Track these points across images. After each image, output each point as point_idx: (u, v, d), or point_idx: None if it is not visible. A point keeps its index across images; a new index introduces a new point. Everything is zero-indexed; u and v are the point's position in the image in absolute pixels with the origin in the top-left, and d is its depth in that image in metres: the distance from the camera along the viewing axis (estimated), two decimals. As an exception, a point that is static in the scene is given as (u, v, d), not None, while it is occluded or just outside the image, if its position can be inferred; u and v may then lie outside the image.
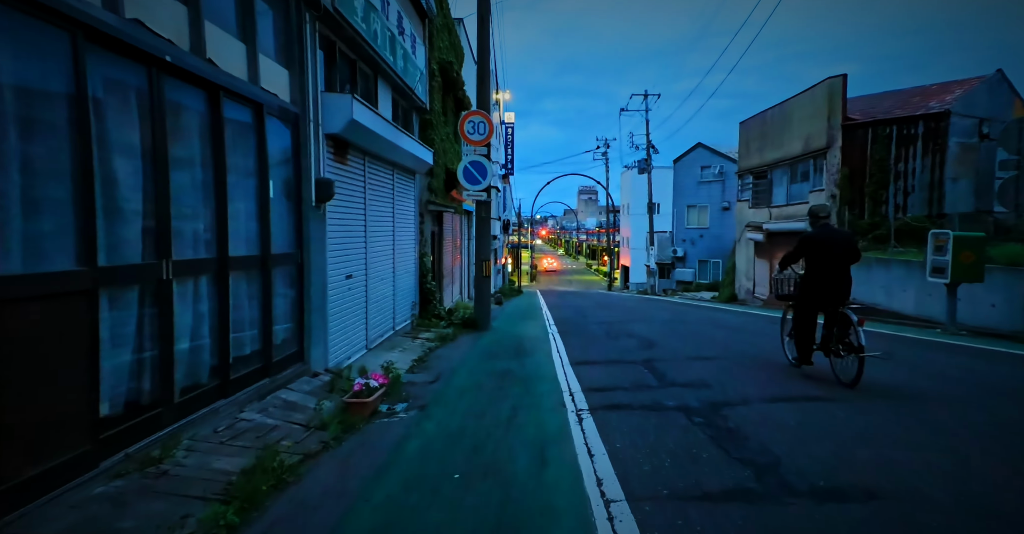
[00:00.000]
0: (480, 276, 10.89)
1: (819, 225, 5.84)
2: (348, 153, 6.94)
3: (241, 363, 4.73)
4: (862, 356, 5.09)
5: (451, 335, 9.62)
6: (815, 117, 17.49)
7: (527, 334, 10.26)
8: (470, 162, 10.44)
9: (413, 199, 10.44)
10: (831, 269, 5.52)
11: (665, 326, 11.29)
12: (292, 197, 5.71)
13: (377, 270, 8.25)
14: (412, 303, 10.37)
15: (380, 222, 8.37)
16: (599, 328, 11.07)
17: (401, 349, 8.27)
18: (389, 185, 8.86)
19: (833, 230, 5.77)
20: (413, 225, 10.46)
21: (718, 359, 7.11)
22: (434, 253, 12.96)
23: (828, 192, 16.97)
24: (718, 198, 31.28)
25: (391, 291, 9.05)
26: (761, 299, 20.95)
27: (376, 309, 8.18)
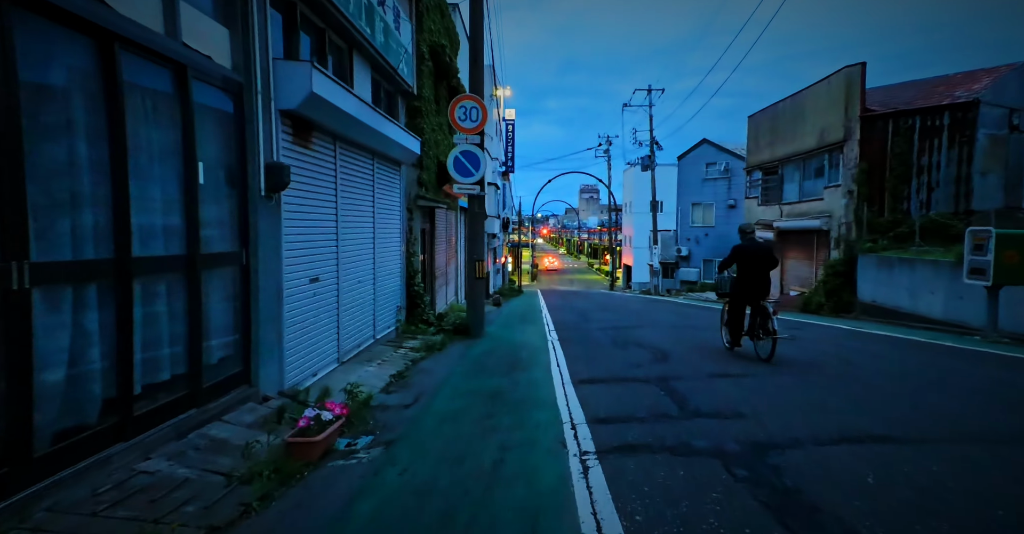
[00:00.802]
0: (473, 278, 9.84)
1: (746, 239, 7.28)
2: (312, 135, 5.88)
3: (155, 392, 3.69)
4: (775, 338, 6.62)
5: (439, 344, 8.57)
6: (831, 109, 16.39)
7: (524, 342, 9.20)
8: (461, 152, 9.37)
9: (399, 193, 9.38)
10: (755, 273, 7.01)
11: (676, 332, 10.22)
12: (235, 184, 4.66)
13: (353, 272, 7.20)
14: (397, 308, 9.32)
15: (357, 217, 7.32)
16: (603, 334, 10.01)
17: (380, 362, 7.22)
18: (368, 176, 7.80)
19: (757, 243, 7.27)
20: (399, 221, 9.41)
21: (746, 377, 6.04)
22: (425, 252, 11.91)
23: (845, 188, 15.88)
24: (724, 196, 30.14)
25: (371, 295, 8.00)
26: (771, 300, 19.87)
27: (351, 317, 7.13)
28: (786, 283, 19.51)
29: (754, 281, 7.00)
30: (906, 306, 13.03)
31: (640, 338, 9.34)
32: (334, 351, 6.61)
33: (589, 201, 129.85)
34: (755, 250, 7.06)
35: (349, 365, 6.84)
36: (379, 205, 8.28)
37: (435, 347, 8.34)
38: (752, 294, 7.00)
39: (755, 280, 6.99)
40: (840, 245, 16.09)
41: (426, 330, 9.62)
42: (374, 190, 8.03)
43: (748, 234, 7.33)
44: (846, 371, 6.36)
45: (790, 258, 19.19)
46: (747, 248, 7.09)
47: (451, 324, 9.95)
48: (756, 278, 6.99)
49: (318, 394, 5.35)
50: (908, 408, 4.72)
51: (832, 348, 8.10)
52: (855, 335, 9.82)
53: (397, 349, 8.13)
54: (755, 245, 7.15)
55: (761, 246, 7.19)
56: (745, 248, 7.10)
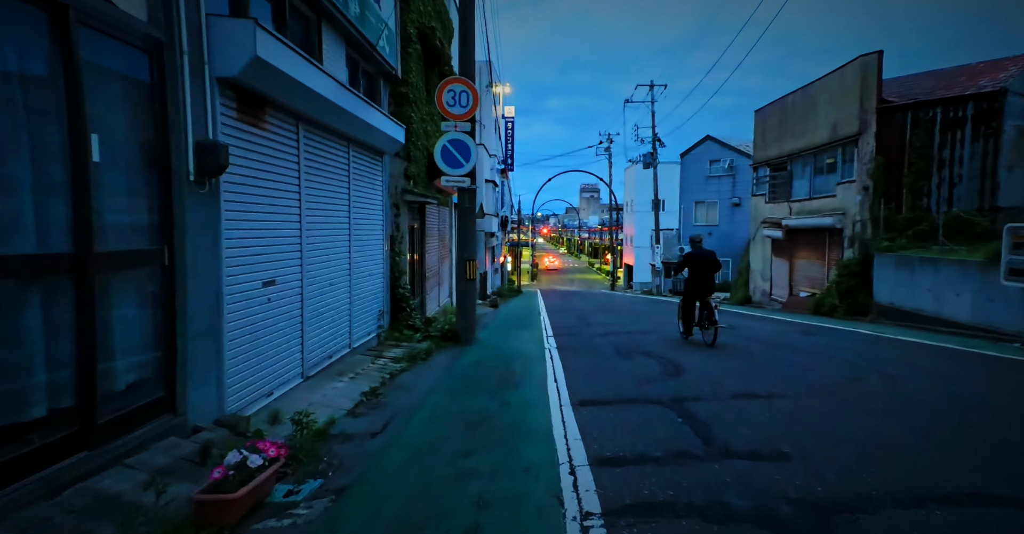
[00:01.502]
0: (464, 279, 8.90)
1: (696, 247, 8.46)
2: (266, 113, 4.95)
3: (19, 435, 2.77)
4: (716, 327, 7.88)
5: (424, 353, 7.64)
6: (845, 100, 15.43)
7: (519, 351, 8.27)
8: (450, 140, 8.44)
9: (381, 186, 8.45)
10: (702, 275, 8.17)
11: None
12: (152, 166, 3.72)
13: (322, 273, 6.27)
14: (379, 312, 8.39)
15: (328, 211, 6.39)
16: (606, 341, 9.07)
17: (352, 375, 6.29)
18: (343, 165, 6.87)
19: (703, 250, 8.36)
20: (381, 217, 8.48)
21: (779, 397, 5.10)
22: (414, 251, 10.98)
23: (860, 184, 14.92)
24: (728, 194, 29.12)
25: (346, 299, 7.07)
26: (780, 301, 18.93)
27: (319, 324, 6.20)
28: (795, 284, 18.56)
29: (701, 282, 8.21)
30: (928, 309, 12.08)
31: (647, 346, 8.40)
32: (297, 365, 5.68)
33: (590, 200, 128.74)
34: (702, 257, 8.29)
35: (316, 380, 5.91)
36: (356, 199, 7.35)
37: (419, 357, 7.41)
38: (700, 292, 8.22)
39: (702, 281, 8.22)
40: (855, 244, 15.13)
41: (412, 337, 8.69)
42: (350, 182, 7.10)
43: (697, 243, 8.65)
44: (901, 395, 5.42)
45: (800, 258, 18.24)
46: (696, 255, 8.34)
47: (439, 330, 9.02)
48: (703, 279, 8.22)
49: (267, 420, 4.43)
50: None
51: (866, 361, 7.15)
52: (882, 343, 8.86)
53: (376, 359, 7.20)
54: (702, 252, 8.36)
55: (707, 253, 8.35)
56: (694, 255, 8.35)
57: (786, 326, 11.51)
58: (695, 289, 8.23)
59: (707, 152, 30.20)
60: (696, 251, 8.39)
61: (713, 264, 8.24)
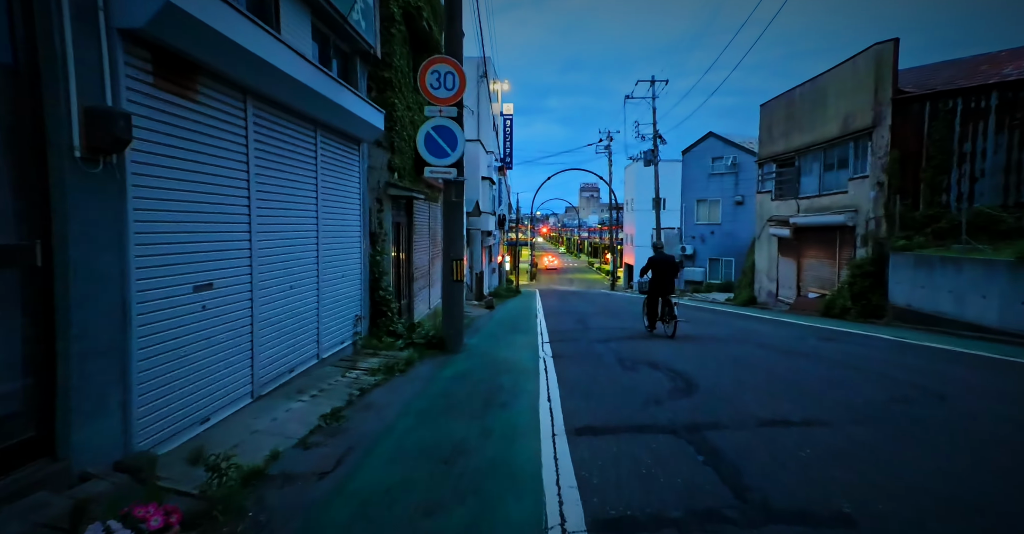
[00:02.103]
0: (450, 280, 8.02)
1: (658, 252, 9.64)
2: (198, 82, 4.06)
3: None
4: (676, 321, 8.94)
5: (404, 363, 6.76)
6: (857, 91, 14.53)
7: (510, 360, 7.38)
8: (434, 127, 7.55)
9: (358, 177, 7.57)
10: (663, 276, 9.19)
11: (698, 345, 8.40)
12: (17, 137, 2.84)
13: (279, 274, 5.38)
14: (355, 318, 7.50)
15: (287, 204, 5.50)
16: (607, 349, 8.19)
17: (316, 392, 5.40)
18: (308, 151, 5.99)
19: (665, 255, 9.47)
20: (359, 212, 7.59)
21: (817, 425, 4.21)
22: (399, 250, 10.10)
23: (873, 179, 14.03)
24: (731, 192, 28.18)
25: (313, 304, 6.19)
26: (787, 302, 18.05)
27: (276, 334, 5.31)
28: (803, 284, 17.67)
29: (663, 282, 9.22)
30: (950, 311, 11.19)
31: (653, 354, 7.52)
32: (245, 382, 4.79)
33: (589, 200, 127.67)
34: (664, 260, 9.34)
35: (269, 400, 5.02)
36: (327, 191, 6.47)
37: (397, 368, 6.52)
38: (662, 291, 9.27)
39: (663, 281, 9.22)
40: (868, 242, 14.24)
41: (392, 344, 7.80)
42: (318, 171, 6.21)
43: (659, 249, 9.94)
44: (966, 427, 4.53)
45: (808, 257, 17.35)
46: (658, 259, 9.38)
47: (424, 336, 8.13)
48: (664, 280, 9.21)
49: (187, 458, 3.54)
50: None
51: (903, 373, 6.26)
52: (910, 350, 7.97)
53: (348, 371, 6.31)
54: (664, 256, 9.44)
55: (668, 258, 9.44)
56: (657, 259, 9.39)
57: (799, 330, 10.62)
58: (657, 288, 9.35)
59: (709, 149, 29.26)
60: (658, 256, 9.51)
61: (672, 267, 9.38)
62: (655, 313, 9.46)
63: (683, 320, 9.23)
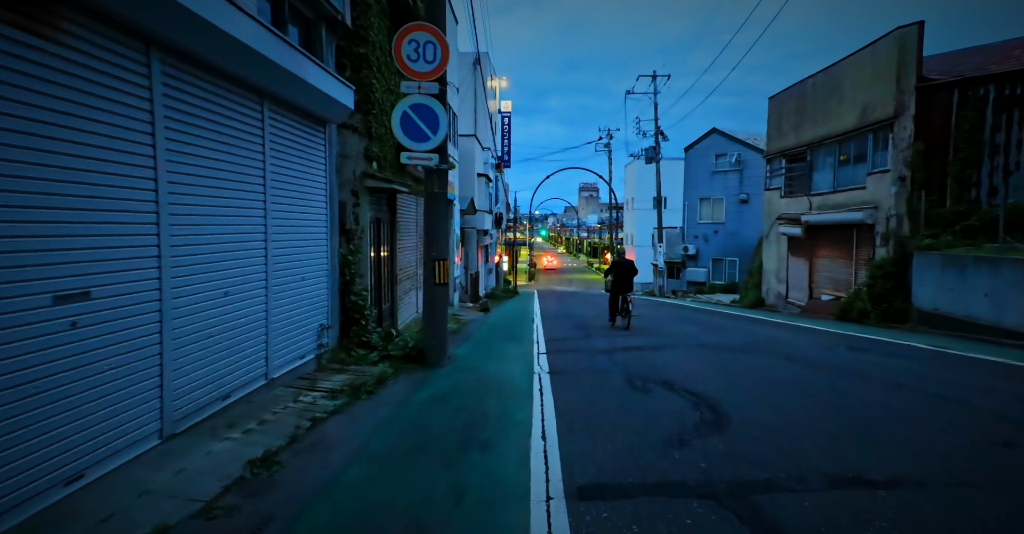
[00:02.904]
0: (432, 283, 6.89)
1: (620, 258, 11.59)
2: (59, 14, 2.94)
3: None
4: (630, 316, 10.67)
5: (374, 382, 5.64)
6: (877, 80, 13.41)
7: (500, 377, 6.26)
8: (412, 106, 6.44)
9: (324, 164, 6.45)
10: (623, 278, 10.93)
11: (715, 357, 7.28)
12: None
13: (206, 278, 4.26)
14: (319, 328, 6.38)
15: (217, 189, 4.38)
16: (611, 362, 7.07)
17: (251, 427, 4.28)
18: (252, 128, 4.86)
19: (625, 260, 11.45)
20: (324, 205, 6.48)
21: (910, 486, 3.09)
22: (381, 249, 8.98)
23: (895, 173, 12.91)
24: (735, 189, 27.04)
25: (260, 313, 5.06)
26: (798, 305, 16.93)
27: (198, 355, 4.18)
28: (815, 286, 16.55)
29: (623, 282, 10.73)
30: (985, 317, 10.08)
31: (667, 370, 6.40)
32: (150, 419, 3.66)
33: (588, 200, 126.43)
34: (624, 264, 10.97)
35: (185, 439, 3.90)
36: (279, 177, 5.35)
37: (364, 388, 5.40)
38: (622, 289, 10.71)
39: (623, 282, 10.73)
40: (889, 241, 13.13)
41: (365, 357, 6.68)
42: (266, 153, 5.09)
43: (621, 255, 12.28)
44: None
45: (821, 257, 16.22)
46: (620, 263, 11.01)
47: (402, 347, 7.01)
48: (624, 281, 10.73)
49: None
50: None
51: (976, 398, 5.13)
52: (960, 364, 6.85)
53: (303, 394, 5.20)
54: (623, 262, 11.10)
55: (628, 263, 11.10)
56: (618, 263, 11.02)
57: (823, 338, 9.50)
58: (619, 287, 10.95)
59: (713, 146, 28.11)
60: (620, 261, 11.29)
61: (631, 270, 11.11)
62: (616, 308, 11.06)
63: (636, 314, 11.20)
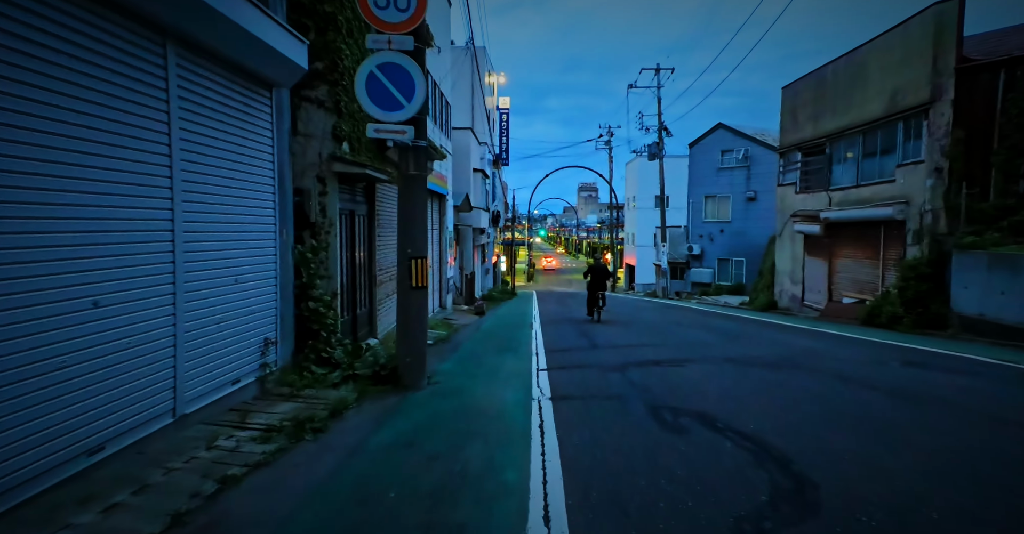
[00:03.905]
0: (408, 287, 5.55)
1: (596, 261, 13.08)
2: None
3: None
4: (601, 310, 12.57)
5: (326, 414, 4.30)
6: (909, 62, 12.10)
7: (489, 407, 4.91)
8: (380, 65, 5.10)
9: (271, 139, 5.11)
10: (599, 278, 12.59)
11: (750, 375, 5.94)
12: None
13: (59, 284, 2.93)
14: (263, 342, 5.03)
15: (82, 156, 3.06)
16: (626, 382, 5.73)
17: (120, 499, 2.93)
18: (151, 75, 3.52)
19: (600, 263, 12.99)
20: (271, 190, 5.14)
21: None
22: (356, 247, 7.65)
23: (930, 165, 11.59)
24: (742, 187, 25.69)
25: (161, 329, 3.72)
26: (815, 308, 15.61)
27: (42, 394, 2.84)
28: (835, 288, 15.22)
29: (599, 282, 12.60)
30: (1040, 323, 8.79)
31: (697, 395, 5.06)
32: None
33: (588, 200, 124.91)
34: (599, 267, 12.77)
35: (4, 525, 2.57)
36: (197, 149, 4.02)
37: (310, 424, 4.06)
38: (598, 288, 12.55)
39: (599, 282, 12.61)
40: (922, 239, 11.80)
41: (323, 378, 5.34)
42: (172, 115, 3.75)
43: (597, 259, 13.55)
44: None
45: (843, 257, 14.90)
46: (596, 266, 12.74)
47: (371, 364, 5.66)
48: (599, 281, 12.62)
49: None
50: None
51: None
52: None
53: (224, 436, 3.85)
54: (600, 265, 12.86)
55: (602, 265, 12.92)
56: (595, 266, 12.74)
57: (865, 349, 8.15)
58: (595, 286, 12.47)
59: (719, 141, 26.78)
60: (596, 264, 12.72)
61: (605, 273, 12.76)
62: (594, 304, 12.64)
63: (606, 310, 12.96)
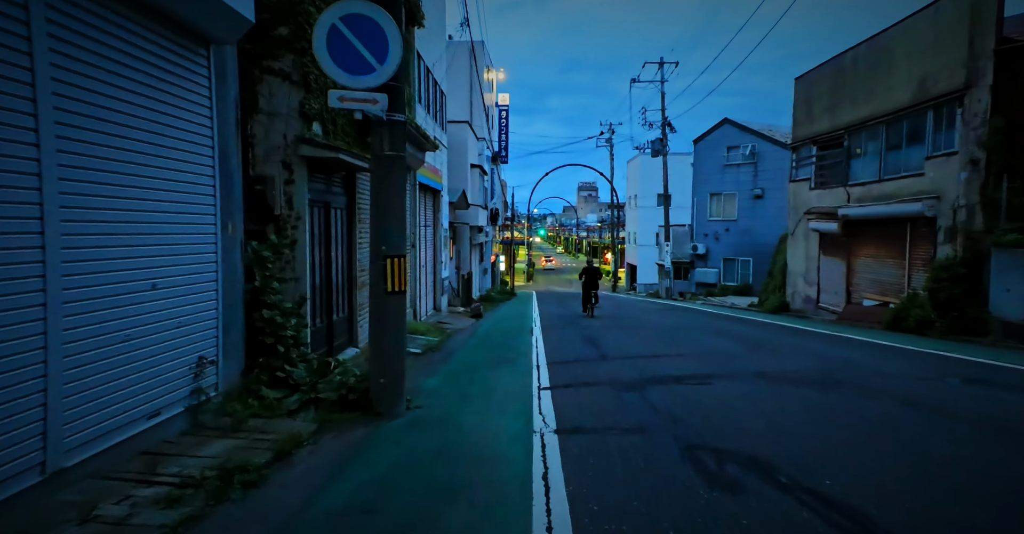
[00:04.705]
0: (382, 292, 4.51)
1: (589, 264, 14.42)
2: None
3: None
4: (594, 306, 13.68)
5: (267, 458, 3.26)
6: (941, 45, 11.07)
7: (478, 448, 3.84)
8: (345, 17, 4.05)
9: (210, 108, 4.07)
10: (591, 279, 13.81)
11: (795, 397, 4.89)
12: None
13: None
14: (197, 362, 3.99)
15: None
16: (646, 407, 4.69)
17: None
18: (12, 12, 2.50)
19: (593, 266, 14.29)
20: (211, 171, 4.10)
21: None
22: (329, 244, 6.61)
23: (964, 156, 10.56)
24: (749, 184, 24.63)
25: (31, 356, 2.69)
26: (832, 311, 14.58)
27: None
28: (854, 290, 14.19)
29: (591, 282, 13.77)
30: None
31: (741, 428, 4.00)
32: None
33: (587, 199, 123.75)
34: (592, 269, 14.05)
35: None
36: (83, 116, 2.99)
37: (241, 475, 3.02)
38: (591, 287, 13.74)
39: (591, 282, 13.79)
40: (955, 237, 10.77)
41: (278, 404, 4.30)
42: (34, 55, 2.72)
43: (590, 262, 14.99)
44: None
45: (863, 256, 13.86)
46: (589, 268, 14.04)
47: (338, 386, 4.61)
48: (592, 281, 13.80)
49: None
50: None
51: None
52: None
53: (112, 498, 2.81)
54: (593, 267, 14.15)
55: (595, 268, 14.25)
56: (588, 268, 14.06)
57: (909, 361, 7.10)
58: (588, 286, 13.69)
59: (724, 137, 25.72)
60: (589, 267, 14.01)
61: (597, 273, 14.07)
62: (588, 301, 13.71)
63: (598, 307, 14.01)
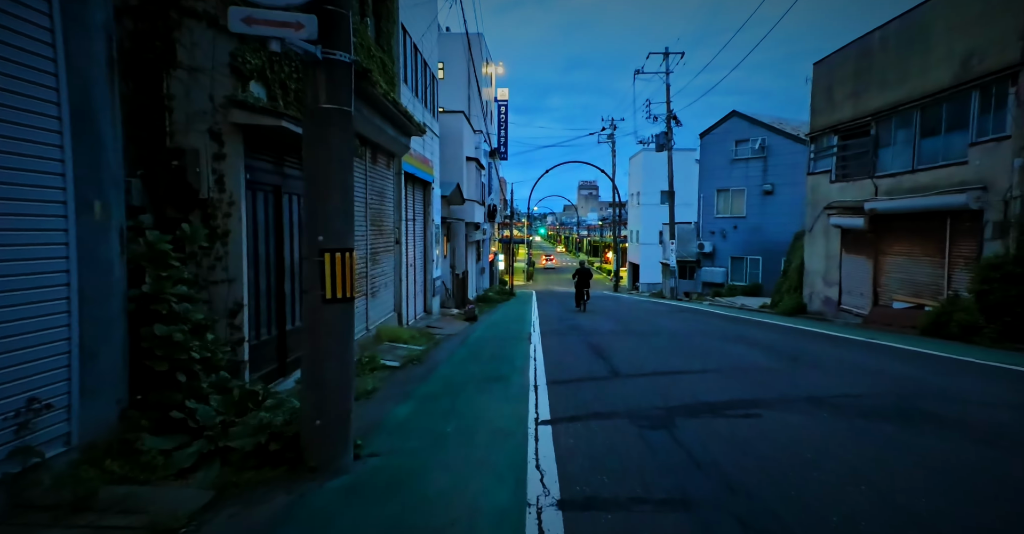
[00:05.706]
0: (319, 301, 3.21)
1: (582, 265, 15.80)
2: None
3: None
4: (586, 303, 15.52)
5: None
6: (990, 16, 9.74)
7: (445, 532, 2.57)
8: (250, -102, 2.74)
9: (48, 29, 2.77)
10: (583, 279, 15.49)
11: (874, 436, 3.57)
12: None
13: None
14: (21, 410, 2.69)
15: None
16: (685, 458, 3.40)
17: None
18: None
19: (585, 267, 15.83)
20: (56, 128, 2.80)
21: None
22: (279, 239, 5.30)
23: (1017, 141, 9.23)
24: (758, 179, 23.25)
25: None
26: (857, 313, 13.25)
27: None
28: (882, 291, 12.86)
29: (583, 282, 15.41)
30: None
31: (836, 508, 2.67)
32: None
33: (588, 198, 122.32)
34: (584, 269, 15.61)
35: None
36: None
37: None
38: (583, 286, 15.41)
39: (583, 282, 15.41)
40: (1008, 233, 9.45)
41: (168, 459, 3.00)
42: None
43: (582, 263, 16.26)
44: None
45: (893, 254, 12.54)
46: (581, 269, 15.58)
47: (256, 430, 3.30)
48: (584, 281, 15.43)
49: None
50: None
51: None
52: None
53: None
54: (584, 268, 15.69)
55: (587, 269, 15.79)
56: (580, 269, 15.59)
57: (987, 381, 5.75)
58: (580, 285, 15.44)
59: (732, 131, 24.36)
60: (581, 268, 15.64)
61: (589, 274, 15.75)
62: (580, 299, 15.33)
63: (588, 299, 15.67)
